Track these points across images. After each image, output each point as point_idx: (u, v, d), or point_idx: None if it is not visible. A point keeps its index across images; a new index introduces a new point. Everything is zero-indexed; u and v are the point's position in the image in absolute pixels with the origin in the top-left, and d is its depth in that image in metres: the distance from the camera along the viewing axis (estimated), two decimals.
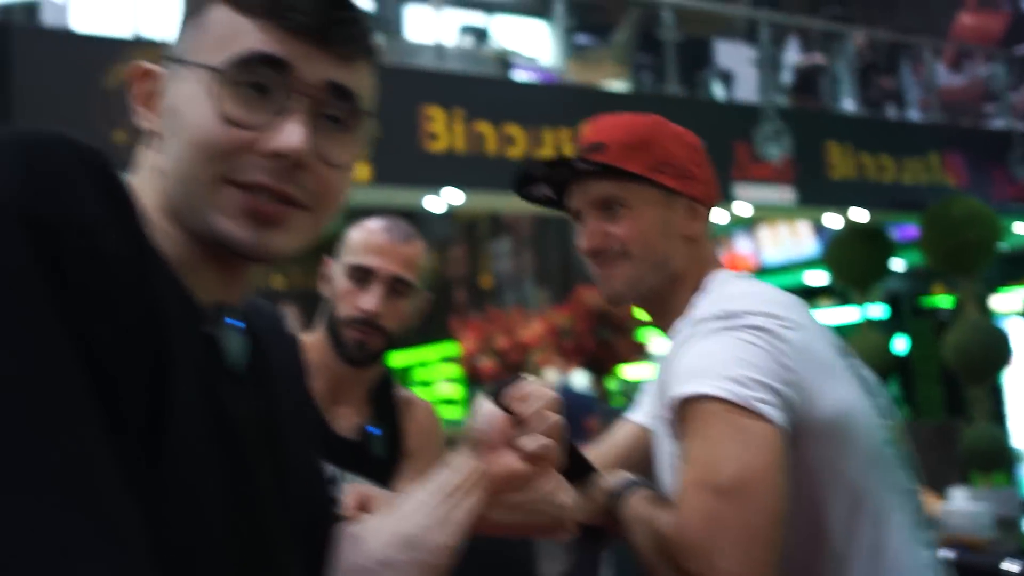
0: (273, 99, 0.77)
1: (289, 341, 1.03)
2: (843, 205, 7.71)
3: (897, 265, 9.27)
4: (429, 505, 0.99)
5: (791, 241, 11.09)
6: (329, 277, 1.77)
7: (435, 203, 6.86)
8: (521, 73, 7.64)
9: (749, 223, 10.71)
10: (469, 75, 7.18)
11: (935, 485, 4.12)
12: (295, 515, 0.89)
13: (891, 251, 8.09)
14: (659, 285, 1.39)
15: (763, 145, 7.13)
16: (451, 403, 11.42)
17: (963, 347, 7.03)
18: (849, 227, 7.96)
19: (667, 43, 7.35)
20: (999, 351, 7.05)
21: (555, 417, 0.99)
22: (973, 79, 10.37)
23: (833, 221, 7.93)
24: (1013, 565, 3.20)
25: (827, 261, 8.36)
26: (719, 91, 8.95)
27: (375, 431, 1.77)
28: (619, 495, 1.31)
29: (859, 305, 8.14)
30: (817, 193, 7.61)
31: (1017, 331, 8.15)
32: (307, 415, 1.05)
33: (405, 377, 10.13)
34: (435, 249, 10.44)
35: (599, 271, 1.42)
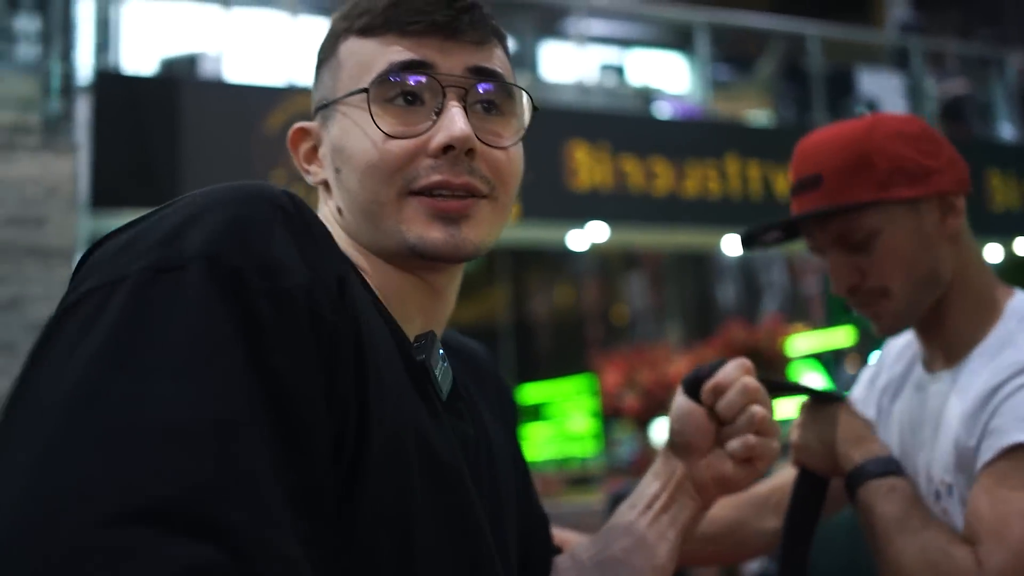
0: (425, 102, 0.78)
1: (493, 372, 0.99)
2: (1006, 236, 7.35)
3: None
4: (629, 523, 0.91)
5: None
6: None
7: (579, 239, 6.87)
8: (663, 107, 7.61)
9: None
10: (613, 111, 7.19)
11: None
12: (510, 542, 0.85)
13: None
14: (931, 301, 1.22)
15: None
16: (583, 439, 11.35)
17: None
18: (1011, 259, 7.59)
19: (813, 73, 7.20)
20: None
21: (761, 412, 0.88)
22: None
23: (994, 253, 7.57)
24: None
25: None
26: None
27: None
28: (868, 474, 1.18)
29: None
30: (976, 223, 7.29)
31: None
32: (519, 446, 1.00)
33: (539, 412, 10.12)
34: (571, 284, 10.44)
35: (861, 310, 1.25)
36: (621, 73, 8.36)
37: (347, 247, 0.79)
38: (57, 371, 0.52)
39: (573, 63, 7.61)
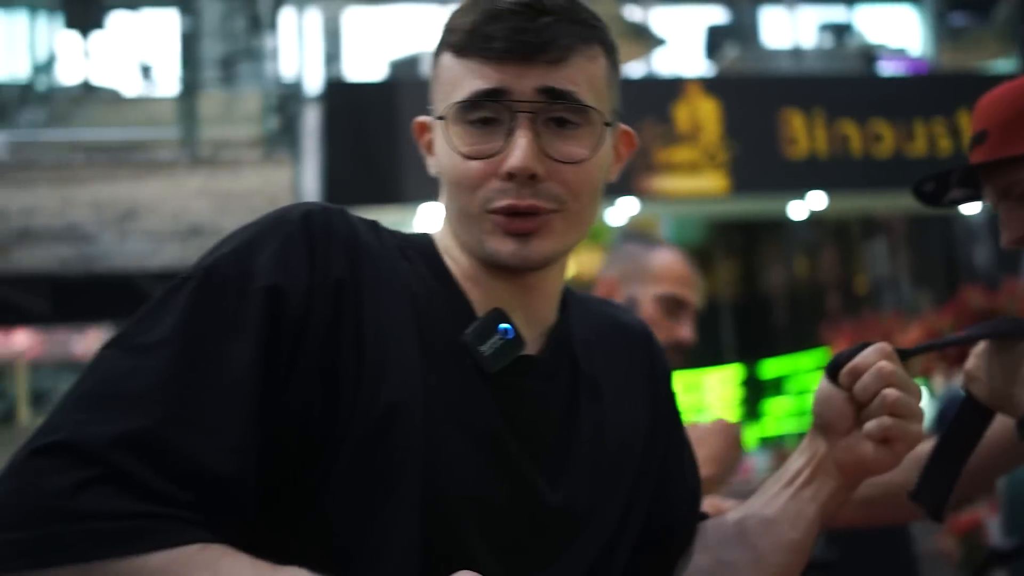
0: (500, 122, 0.85)
1: (645, 348, 1.05)
2: None
3: None
4: (771, 495, 0.96)
5: None
6: (631, 301, 1.80)
7: (797, 209, 6.69)
8: (887, 66, 7.21)
9: None
10: (829, 75, 6.92)
11: None
12: (605, 498, 0.93)
13: None
14: None
15: None
16: None
17: None
18: None
19: None
20: None
21: (894, 394, 0.89)
22: None
23: None
24: None
25: None
26: None
27: None
28: None
29: None
30: None
31: None
32: (667, 419, 1.05)
33: (779, 387, 9.90)
34: (803, 255, 10.10)
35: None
36: (844, 31, 7.99)
37: (447, 235, 0.92)
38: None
39: (790, 27, 7.38)
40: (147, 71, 8.38)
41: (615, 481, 0.95)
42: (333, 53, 7.84)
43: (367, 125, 6.18)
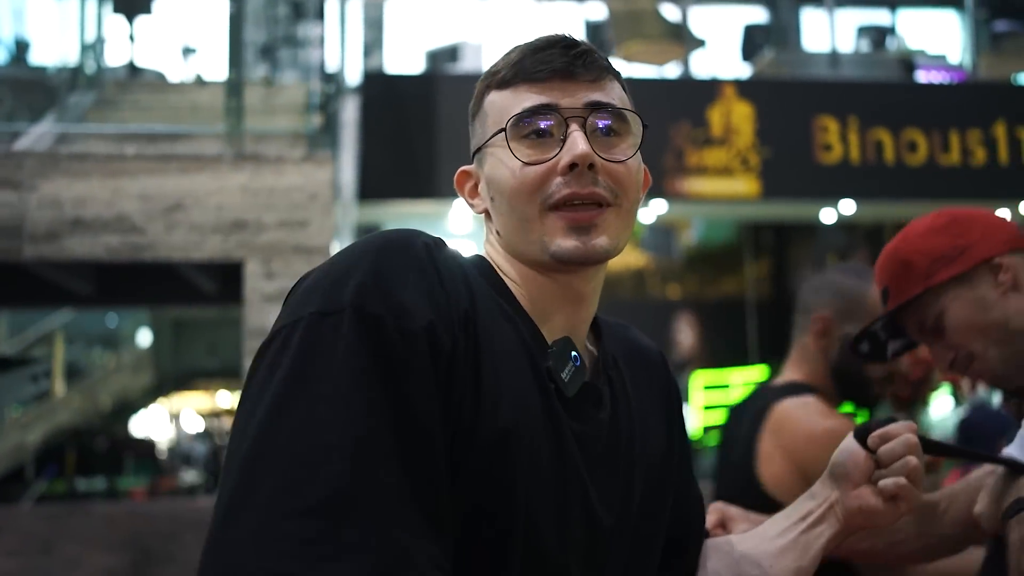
0: (553, 134, 0.94)
1: (662, 370, 1.15)
2: None
3: None
4: (784, 528, 1.08)
5: None
6: (833, 338, 1.81)
7: (829, 215, 6.71)
8: (924, 74, 7.19)
9: None
10: (864, 81, 6.92)
11: None
12: (648, 514, 1.01)
13: None
14: (1019, 352, 1.35)
15: None
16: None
17: None
18: None
19: None
20: None
21: (915, 462, 1.02)
22: None
23: None
24: None
25: None
26: None
27: None
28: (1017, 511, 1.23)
29: None
30: None
31: None
32: (680, 435, 1.14)
33: None
34: (834, 258, 10.08)
35: (967, 379, 1.41)
36: (883, 36, 7.96)
37: (503, 262, 0.98)
38: (258, 395, 0.78)
39: (829, 30, 7.38)
40: (191, 56, 8.55)
41: (656, 500, 1.05)
42: (372, 44, 7.90)
43: (404, 118, 6.28)
